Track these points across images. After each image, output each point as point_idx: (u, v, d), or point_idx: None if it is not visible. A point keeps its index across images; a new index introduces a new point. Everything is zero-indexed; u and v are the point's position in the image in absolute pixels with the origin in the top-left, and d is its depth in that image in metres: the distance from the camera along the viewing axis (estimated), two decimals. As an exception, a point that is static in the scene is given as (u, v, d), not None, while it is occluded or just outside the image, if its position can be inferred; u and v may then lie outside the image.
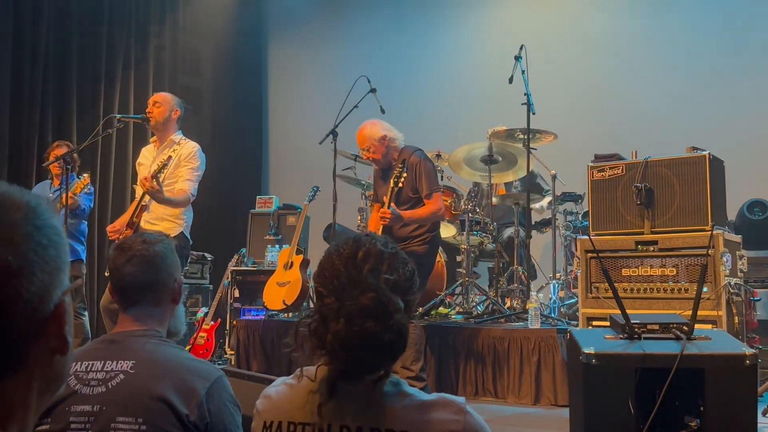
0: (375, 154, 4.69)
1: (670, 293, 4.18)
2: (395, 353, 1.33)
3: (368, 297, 1.31)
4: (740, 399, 2.56)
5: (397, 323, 1.31)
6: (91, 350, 1.79)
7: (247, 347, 5.72)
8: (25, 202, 0.78)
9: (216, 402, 1.71)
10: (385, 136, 4.66)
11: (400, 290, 1.37)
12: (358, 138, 4.75)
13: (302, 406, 1.37)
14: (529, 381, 4.70)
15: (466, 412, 1.33)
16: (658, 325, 2.79)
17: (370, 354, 1.30)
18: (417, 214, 4.54)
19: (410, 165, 4.60)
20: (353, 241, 1.42)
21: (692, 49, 6.69)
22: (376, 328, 1.29)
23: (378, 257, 1.38)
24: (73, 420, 1.66)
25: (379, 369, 1.33)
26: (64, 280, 0.79)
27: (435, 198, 4.54)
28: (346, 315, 1.30)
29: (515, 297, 5.59)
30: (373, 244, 1.40)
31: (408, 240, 4.58)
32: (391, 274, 1.37)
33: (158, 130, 4.71)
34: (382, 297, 1.31)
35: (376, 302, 1.30)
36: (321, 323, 1.33)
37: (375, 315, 1.30)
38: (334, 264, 1.39)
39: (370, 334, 1.29)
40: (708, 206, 4.19)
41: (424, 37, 8.26)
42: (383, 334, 1.29)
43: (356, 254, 1.38)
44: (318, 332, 1.33)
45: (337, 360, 1.33)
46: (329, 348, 1.31)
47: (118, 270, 1.86)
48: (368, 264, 1.36)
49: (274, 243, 6.89)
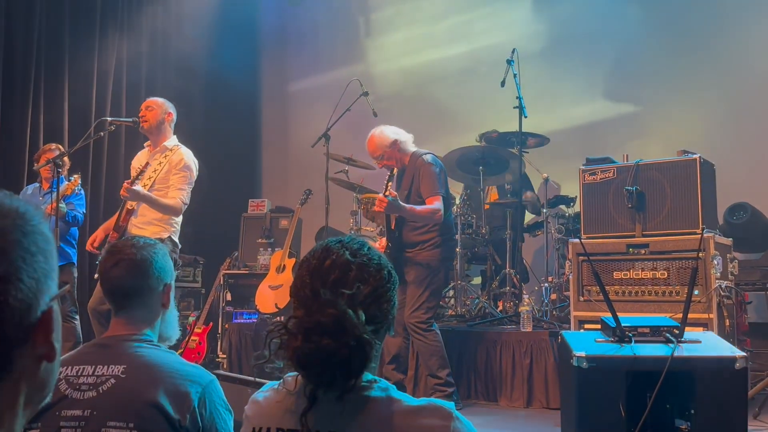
0: (389, 161, 4.63)
1: (661, 296, 4.20)
2: (356, 369, 1.31)
3: (326, 314, 1.30)
4: (731, 402, 2.57)
5: (357, 339, 1.29)
6: (82, 354, 1.79)
7: (239, 351, 5.72)
8: (14, 208, 0.77)
9: (208, 407, 1.71)
10: (395, 141, 4.63)
11: (374, 298, 1.36)
12: (369, 148, 4.68)
13: (290, 411, 1.37)
14: (521, 384, 4.71)
15: (453, 417, 1.33)
16: (648, 328, 2.80)
17: (327, 370, 1.29)
18: (415, 209, 4.52)
19: (416, 168, 4.60)
20: (322, 250, 1.41)
21: (683, 52, 6.72)
22: (333, 345, 1.28)
23: (344, 267, 1.37)
24: (63, 424, 1.65)
25: (344, 382, 1.32)
26: (53, 286, 0.78)
27: (433, 201, 4.52)
28: (303, 332, 1.30)
29: (507, 300, 5.60)
30: (341, 254, 1.39)
31: (418, 245, 4.57)
32: (361, 284, 1.35)
33: (151, 134, 4.67)
34: (340, 314, 1.30)
35: (333, 319, 1.29)
36: (287, 337, 1.33)
37: (331, 332, 1.28)
38: (303, 275, 1.39)
39: (326, 351, 1.28)
40: (699, 209, 4.21)
41: (416, 40, 8.27)
42: (340, 350, 1.28)
43: (323, 264, 1.38)
44: (284, 346, 1.33)
45: (301, 374, 1.34)
46: (292, 363, 1.31)
47: (107, 273, 1.87)
48: (333, 275, 1.36)
49: (267, 246, 6.89)
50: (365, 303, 1.35)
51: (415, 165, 4.61)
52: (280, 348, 1.33)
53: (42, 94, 6.84)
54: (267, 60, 9.35)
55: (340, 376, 1.30)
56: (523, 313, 4.89)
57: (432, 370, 4.50)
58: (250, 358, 5.61)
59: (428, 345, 4.47)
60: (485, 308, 5.66)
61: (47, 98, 6.87)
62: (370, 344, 1.31)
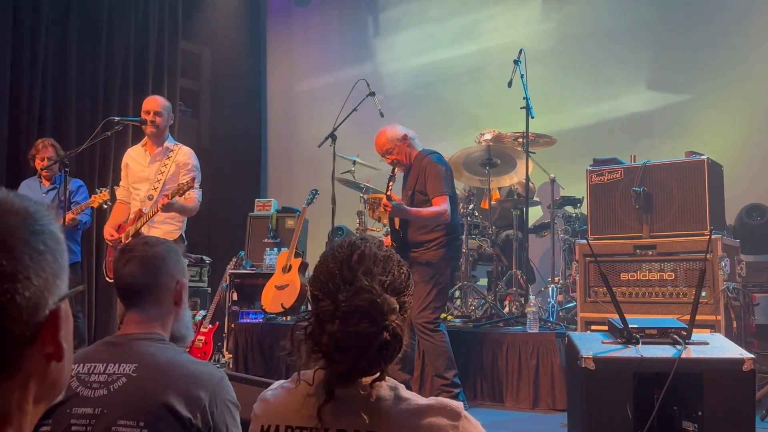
0: (399, 155, 4.66)
1: (669, 297, 4.19)
2: (391, 354, 1.33)
3: (363, 298, 1.31)
4: (738, 404, 2.56)
5: (393, 324, 1.31)
6: (94, 352, 1.79)
7: (245, 351, 5.72)
8: (24, 207, 0.77)
9: (219, 405, 1.71)
10: (405, 136, 4.67)
11: (395, 291, 1.38)
12: (378, 143, 4.71)
13: (299, 409, 1.38)
14: (528, 385, 4.69)
15: (462, 417, 1.33)
16: (656, 330, 2.79)
17: (366, 354, 1.30)
18: (421, 212, 4.52)
19: (421, 168, 4.60)
20: (348, 244, 1.43)
21: (691, 52, 6.70)
22: (372, 328, 1.29)
23: (372, 259, 1.39)
24: (74, 422, 1.65)
25: (374, 370, 1.33)
26: (62, 286, 0.78)
27: (439, 201, 4.52)
28: (341, 316, 1.31)
29: (514, 301, 5.59)
30: (367, 247, 1.41)
31: (423, 245, 4.57)
32: (386, 275, 1.38)
33: (157, 137, 4.76)
34: (377, 297, 1.32)
35: (370, 303, 1.31)
36: (317, 326, 1.34)
37: (370, 315, 1.30)
38: (329, 267, 1.40)
39: (365, 335, 1.29)
40: (706, 211, 4.19)
41: (424, 39, 8.27)
42: (379, 334, 1.30)
43: (351, 257, 1.39)
44: (314, 335, 1.33)
45: (333, 362, 1.33)
46: (325, 350, 1.32)
47: (119, 271, 1.87)
48: (362, 266, 1.37)
49: (273, 246, 6.89)
50: (396, 292, 1.38)
51: (420, 164, 4.61)
52: (308, 337, 1.34)
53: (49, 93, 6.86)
54: (274, 59, 9.36)
55: (376, 361, 1.32)
56: (529, 314, 4.88)
57: (439, 370, 4.49)
58: (256, 358, 5.62)
59: (435, 345, 4.47)
60: (491, 309, 5.65)
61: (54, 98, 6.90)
62: (404, 330, 1.33)
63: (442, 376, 4.48)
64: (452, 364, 4.50)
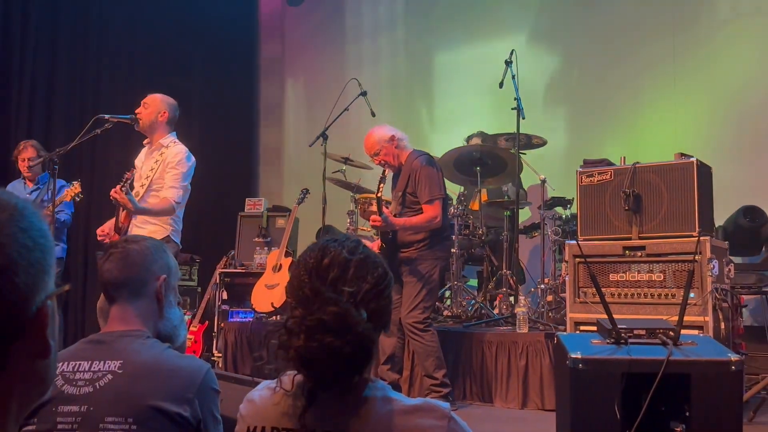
0: (387, 156, 4.65)
1: (657, 298, 4.20)
2: (358, 366, 1.32)
3: (328, 311, 1.30)
4: (726, 405, 2.57)
5: (359, 336, 1.29)
6: (78, 350, 1.79)
7: (234, 350, 5.71)
8: (12, 204, 0.77)
9: (205, 396, 1.72)
10: (393, 137, 4.66)
11: (367, 298, 1.36)
12: (366, 144, 4.70)
13: (285, 411, 1.37)
14: (517, 385, 4.71)
15: (449, 417, 1.33)
16: (644, 331, 2.80)
17: (332, 367, 1.29)
18: (410, 221, 4.53)
19: (412, 170, 4.59)
20: (319, 249, 1.41)
21: (682, 54, 6.73)
22: (336, 342, 1.28)
23: (343, 265, 1.37)
24: (60, 420, 1.65)
25: (347, 380, 1.32)
26: (49, 283, 0.78)
27: (434, 205, 4.52)
28: (305, 330, 1.29)
29: (504, 301, 5.60)
30: (338, 252, 1.39)
31: (413, 245, 4.58)
32: (356, 284, 1.35)
33: (147, 132, 4.57)
34: (342, 311, 1.30)
35: (335, 316, 1.29)
36: (286, 337, 1.33)
37: (335, 329, 1.28)
38: (300, 274, 1.39)
39: (330, 349, 1.28)
40: (695, 212, 4.21)
41: (420, 41, 8.27)
42: (344, 347, 1.28)
43: (321, 263, 1.38)
44: (284, 346, 1.32)
45: (302, 373, 1.33)
46: (294, 362, 1.31)
47: (101, 267, 1.89)
48: (332, 273, 1.36)
49: (263, 245, 6.87)
50: (365, 300, 1.35)
51: (411, 166, 4.61)
52: (279, 348, 1.33)
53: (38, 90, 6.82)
54: (265, 58, 9.34)
55: (343, 373, 1.31)
56: (519, 315, 4.89)
57: (428, 370, 4.49)
58: (245, 357, 5.61)
59: (425, 345, 4.47)
60: (481, 309, 5.66)
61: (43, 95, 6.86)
62: (373, 341, 1.32)
63: (431, 376, 4.48)
64: (442, 364, 4.50)
